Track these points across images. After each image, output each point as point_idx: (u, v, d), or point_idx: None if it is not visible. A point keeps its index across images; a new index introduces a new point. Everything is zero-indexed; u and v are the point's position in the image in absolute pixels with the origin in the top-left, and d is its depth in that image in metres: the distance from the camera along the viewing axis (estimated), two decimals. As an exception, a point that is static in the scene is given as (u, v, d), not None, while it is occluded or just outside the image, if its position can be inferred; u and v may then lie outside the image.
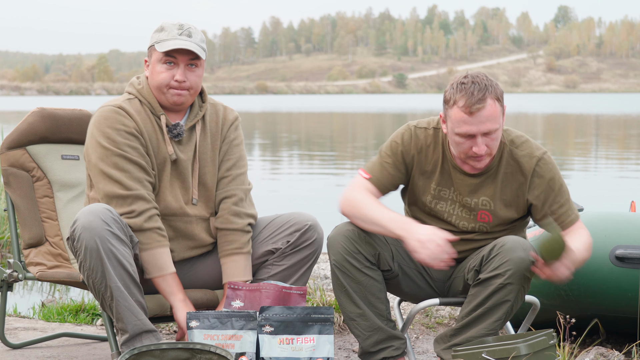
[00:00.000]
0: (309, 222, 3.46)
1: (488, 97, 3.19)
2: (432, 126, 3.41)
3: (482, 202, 3.37)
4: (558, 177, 3.36)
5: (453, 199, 3.40)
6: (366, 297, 3.36)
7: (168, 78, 3.34)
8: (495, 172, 3.36)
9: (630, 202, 4.69)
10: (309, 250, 3.46)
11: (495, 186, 3.36)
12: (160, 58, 3.34)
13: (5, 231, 6.75)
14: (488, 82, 3.22)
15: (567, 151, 21.17)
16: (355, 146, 23.37)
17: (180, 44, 3.31)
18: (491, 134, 3.23)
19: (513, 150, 3.36)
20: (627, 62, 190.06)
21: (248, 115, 47.74)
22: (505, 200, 3.37)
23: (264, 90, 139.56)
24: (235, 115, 3.56)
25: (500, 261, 3.21)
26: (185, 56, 3.34)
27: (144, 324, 3.17)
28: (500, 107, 3.24)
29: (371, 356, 3.40)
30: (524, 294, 3.26)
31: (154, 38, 3.38)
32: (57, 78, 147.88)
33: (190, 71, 3.36)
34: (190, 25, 3.38)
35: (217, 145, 3.48)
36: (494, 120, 3.21)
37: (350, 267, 3.34)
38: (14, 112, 45.67)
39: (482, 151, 3.23)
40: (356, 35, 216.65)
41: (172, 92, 3.35)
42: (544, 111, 54.80)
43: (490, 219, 3.38)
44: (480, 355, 3.00)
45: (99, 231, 3.10)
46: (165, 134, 3.37)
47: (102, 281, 3.13)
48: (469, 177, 3.37)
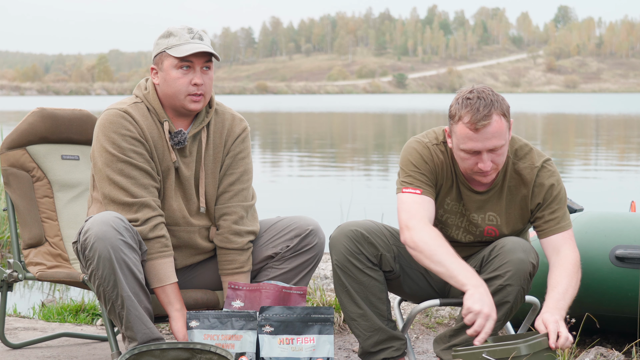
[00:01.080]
0: (310, 226, 3.45)
1: (494, 113, 3.14)
2: (440, 140, 3.37)
3: (488, 217, 3.37)
4: (557, 184, 3.33)
5: (462, 212, 3.39)
6: (367, 297, 3.36)
7: (186, 83, 3.29)
8: (500, 187, 3.35)
9: (630, 202, 4.68)
10: (309, 254, 3.44)
11: (501, 201, 3.35)
12: (176, 64, 3.29)
13: (5, 231, 6.75)
14: (494, 98, 3.17)
15: (567, 151, 21.17)
16: (356, 146, 23.37)
17: (197, 47, 3.27)
18: (497, 149, 3.18)
19: (516, 164, 3.34)
20: (627, 62, 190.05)
21: (248, 115, 47.72)
22: (511, 214, 3.36)
23: (264, 90, 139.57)
24: (243, 127, 3.48)
25: (500, 262, 3.21)
26: (201, 59, 3.30)
27: (152, 333, 3.18)
28: (507, 122, 3.19)
29: (371, 356, 3.40)
30: (524, 295, 3.25)
31: (162, 44, 3.32)
32: (57, 78, 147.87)
33: (205, 74, 3.32)
34: (199, 29, 3.34)
35: (220, 157, 3.43)
36: (500, 137, 3.16)
37: (352, 268, 3.34)
38: (14, 112, 45.65)
39: (487, 167, 3.19)
40: (356, 35, 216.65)
41: (190, 99, 3.31)
42: (544, 111, 54.81)
43: (496, 234, 3.38)
44: (480, 355, 3.00)
45: (112, 241, 3.10)
46: (167, 141, 3.34)
47: (114, 290, 3.12)
48: (476, 194, 3.36)
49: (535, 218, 3.35)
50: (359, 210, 8.39)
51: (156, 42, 3.36)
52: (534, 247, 3.29)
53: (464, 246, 3.43)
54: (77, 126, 3.95)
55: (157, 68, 3.35)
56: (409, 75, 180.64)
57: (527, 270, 3.19)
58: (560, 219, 3.31)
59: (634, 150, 21.48)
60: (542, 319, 3.06)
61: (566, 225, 3.32)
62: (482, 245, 3.42)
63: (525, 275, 3.20)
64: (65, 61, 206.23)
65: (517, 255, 3.19)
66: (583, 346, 4.13)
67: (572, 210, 4.49)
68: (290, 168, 17.06)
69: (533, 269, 3.23)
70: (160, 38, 3.34)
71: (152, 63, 3.37)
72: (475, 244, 3.43)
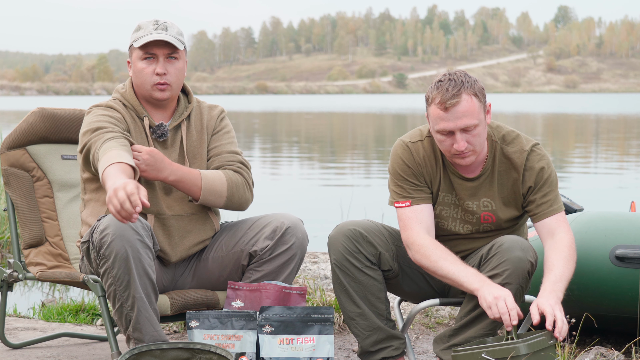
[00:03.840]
0: (285, 223, 3.40)
1: (463, 93, 3.18)
2: (425, 136, 3.39)
3: (483, 203, 3.37)
4: (548, 167, 3.34)
5: (455, 203, 3.40)
6: (366, 296, 3.36)
7: (150, 73, 3.37)
8: (491, 172, 3.36)
9: (630, 202, 4.69)
10: (287, 255, 3.40)
11: (493, 186, 3.36)
12: (140, 55, 3.38)
13: (5, 231, 6.75)
14: (465, 79, 3.21)
15: (567, 151, 21.17)
16: (356, 146, 23.37)
17: (155, 36, 3.35)
18: (470, 130, 3.20)
19: (504, 148, 3.35)
20: (627, 62, 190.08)
21: (248, 115, 47.73)
22: (504, 198, 3.37)
23: (264, 90, 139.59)
24: (220, 109, 3.58)
25: (498, 261, 3.21)
26: (163, 49, 3.37)
27: (160, 335, 3.18)
28: (479, 102, 3.22)
29: (370, 356, 3.40)
30: (522, 294, 3.25)
31: (132, 38, 3.42)
32: (57, 78, 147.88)
33: (169, 63, 3.38)
34: (167, 21, 3.42)
35: (204, 140, 3.49)
36: (471, 116, 3.19)
37: (351, 267, 3.34)
38: (14, 112, 45.65)
39: (462, 147, 3.20)
40: (356, 35, 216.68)
41: (155, 88, 3.39)
42: (544, 111, 54.81)
43: (493, 219, 3.38)
44: (479, 356, 3.00)
45: (131, 241, 3.10)
46: (148, 135, 3.39)
47: (126, 290, 3.12)
48: (467, 182, 3.37)
49: (527, 202, 3.35)
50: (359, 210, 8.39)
51: (130, 36, 3.46)
52: (532, 246, 3.29)
53: (463, 238, 3.43)
54: (77, 126, 3.94)
55: (130, 61, 3.46)
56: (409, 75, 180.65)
57: (525, 269, 3.20)
58: (553, 202, 3.32)
59: (633, 150, 21.48)
60: (537, 303, 3.07)
61: (558, 207, 3.33)
62: (482, 237, 3.42)
63: (523, 274, 3.20)
64: (65, 61, 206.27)
65: (515, 253, 3.19)
66: (583, 346, 4.13)
67: (572, 210, 4.49)
68: (290, 168, 17.06)
69: (531, 267, 3.23)
70: (132, 32, 3.44)
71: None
72: (474, 236, 3.42)
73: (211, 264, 3.48)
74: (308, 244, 3.46)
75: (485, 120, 3.26)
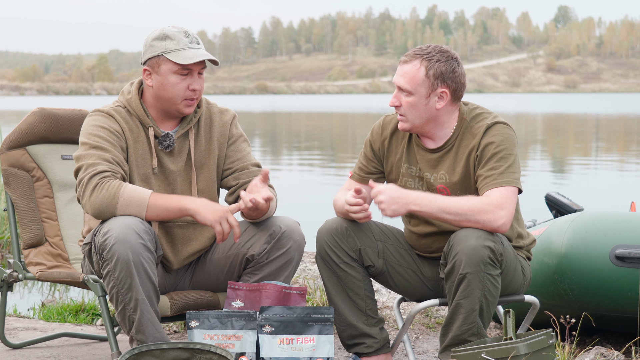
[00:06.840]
0: (282, 228, 3.38)
1: (418, 60, 3.32)
2: None
3: (440, 176, 3.40)
4: (500, 142, 3.30)
5: (419, 175, 3.44)
6: (344, 291, 3.44)
7: (184, 88, 3.30)
8: (453, 146, 3.39)
9: (630, 202, 4.69)
10: (284, 259, 3.38)
11: (453, 160, 3.38)
12: (176, 70, 3.28)
13: (5, 231, 6.75)
14: (434, 54, 3.34)
15: (568, 151, 21.17)
16: (356, 146, 23.37)
17: (199, 54, 3.28)
18: (402, 91, 3.33)
19: (472, 126, 3.38)
20: (627, 62, 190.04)
21: (248, 115, 47.73)
22: (460, 172, 3.36)
23: (264, 90, 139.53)
24: (232, 115, 3.51)
25: (454, 252, 3.21)
26: (199, 65, 3.31)
27: (162, 337, 3.19)
28: (425, 77, 3.30)
29: (347, 348, 3.52)
30: (493, 281, 3.18)
31: (159, 47, 3.29)
32: (57, 78, 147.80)
33: (200, 79, 3.33)
34: (189, 29, 3.34)
35: (214, 149, 3.43)
36: (409, 80, 3.31)
37: (330, 261, 3.42)
38: (14, 112, 45.66)
39: (390, 102, 3.35)
40: (356, 35, 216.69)
41: (185, 103, 3.32)
42: (544, 111, 54.80)
43: (448, 192, 3.38)
44: (479, 356, 3.01)
45: (133, 245, 3.10)
46: (153, 146, 3.34)
47: (129, 293, 3.13)
48: (429, 153, 3.42)
49: (477, 177, 3.33)
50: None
51: (150, 43, 3.32)
52: (497, 235, 3.23)
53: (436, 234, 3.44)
54: (77, 126, 3.95)
55: (152, 70, 3.32)
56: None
57: (482, 255, 3.14)
58: (497, 176, 3.26)
59: (633, 150, 21.48)
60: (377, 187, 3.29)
61: (504, 181, 3.25)
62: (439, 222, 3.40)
63: (482, 260, 3.14)
64: (65, 61, 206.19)
65: (468, 242, 3.16)
66: (583, 346, 4.13)
67: (572, 210, 4.49)
68: (290, 168, 17.06)
69: (492, 252, 3.16)
70: (155, 40, 3.31)
71: (144, 64, 3.34)
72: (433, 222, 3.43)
73: (208, 266, 3.48)
74: (305, 245, 3.46)
75: (428, 100, 3.31)
